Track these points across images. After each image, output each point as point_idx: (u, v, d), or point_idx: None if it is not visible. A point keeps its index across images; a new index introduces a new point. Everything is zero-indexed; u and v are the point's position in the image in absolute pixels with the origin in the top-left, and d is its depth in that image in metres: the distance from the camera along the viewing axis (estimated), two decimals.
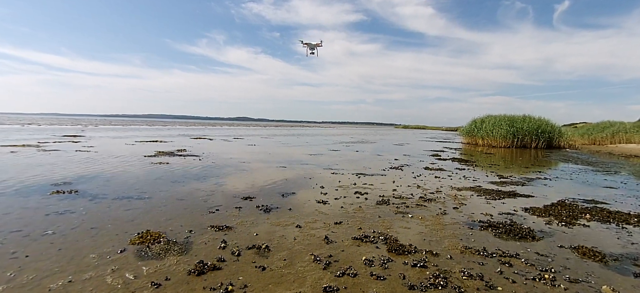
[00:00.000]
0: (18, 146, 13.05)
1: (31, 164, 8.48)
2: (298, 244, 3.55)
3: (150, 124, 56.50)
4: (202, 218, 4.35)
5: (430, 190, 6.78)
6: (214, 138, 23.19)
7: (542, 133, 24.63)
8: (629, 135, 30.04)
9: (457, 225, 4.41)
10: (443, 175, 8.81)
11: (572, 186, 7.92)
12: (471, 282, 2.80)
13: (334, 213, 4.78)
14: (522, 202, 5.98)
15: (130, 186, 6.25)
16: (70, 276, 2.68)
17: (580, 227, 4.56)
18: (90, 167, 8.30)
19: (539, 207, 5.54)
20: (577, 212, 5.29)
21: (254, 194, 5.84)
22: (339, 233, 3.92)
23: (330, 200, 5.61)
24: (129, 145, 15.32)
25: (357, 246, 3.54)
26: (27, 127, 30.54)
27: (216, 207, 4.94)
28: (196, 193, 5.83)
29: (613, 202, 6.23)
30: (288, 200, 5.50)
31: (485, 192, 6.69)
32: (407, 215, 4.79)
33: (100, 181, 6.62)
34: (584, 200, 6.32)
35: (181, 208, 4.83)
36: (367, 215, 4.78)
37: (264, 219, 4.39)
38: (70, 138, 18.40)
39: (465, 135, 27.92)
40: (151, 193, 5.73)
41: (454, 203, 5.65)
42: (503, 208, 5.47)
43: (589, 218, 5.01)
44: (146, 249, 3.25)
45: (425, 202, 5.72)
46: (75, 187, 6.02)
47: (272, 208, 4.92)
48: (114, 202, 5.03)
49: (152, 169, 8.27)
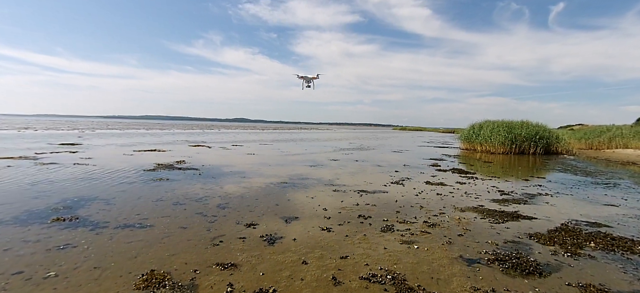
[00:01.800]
0: (15, 158, 12.91)
1: (29, 183, 8.38)
2: (305, 286, 3.51)
3: (147, 128, 56.24)
4: (207, 253, 4.30)
5: (433, 211, 6.76)
6: (213, 145, 23.09)
7: (540, 139, 24.72)
8: (625, 140, 30.25)
9: (464, 258, 4.38)
10: (445, 192, 8.80)
11: (573, 204, 7.92)
12: None
13: (340, 245, 4.74)
14: (526, 226, 5.97)
15: (132, 210, 6.18)
16: None
17: (586, 258, 4.55)
18: (90, 186, 8.22)
19: (543, 233, 5.53)
20: (582, 239, 5.28)
21: (257, 220, 5.79)
22: (346, 271, 3.88)
23: (335, 226, 5.57)
24: (128, 155, 15.21)
25: (365, 287, 3.51)
26: (23, 133, 30.28)
27: (219, 237, 4.89)
28: (198, 219, 5.77)
29: (616, 225, 6.24)
30: (291, 228, 5.45)
31: (488, 214, 6.68)
32: (412, 245, 4.76)
33: (101, 204, 6.54)
34: (587, 222, 6.32)
35: (185, 239, 4.77)
36: (372, 245, 4.75)
37: (269, 253, 4.35)
38: (67, 147, 18.24)
39: (464, 141, 28.00)
40: (153, 219, 5.66)
41: (459, 229, 5.63)
42: (508, 234, 5.45)
43: (593, 246, 5.01)
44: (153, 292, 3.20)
45: (430, 227, 5.70)
46: (75, 212, 5.95)
47: (276, 239, 4.87)
48: (115, 232, 4.97)
49: (152, 188, 8.19)
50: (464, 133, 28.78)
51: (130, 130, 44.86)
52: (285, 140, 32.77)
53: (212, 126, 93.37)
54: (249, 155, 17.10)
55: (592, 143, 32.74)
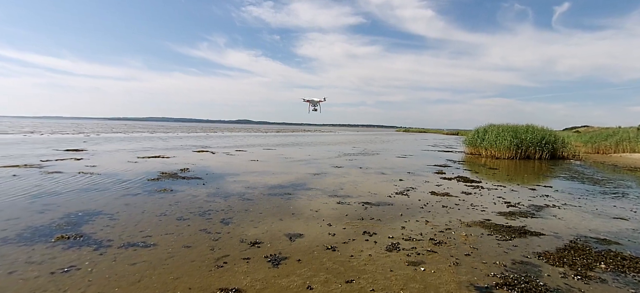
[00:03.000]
0: (20, 167, 12.99)
1: (34, 195, 8.41)
2: None
3: (151, 131, 56.52)
4: (211, 276, 4.26)
5: (439, 227, 6.68)
6: (216, 151, 23.13)
7: (546, 144, 24.48)
8: (632, 144, 29.89)
9: (472, 281, 4.30)
10: (450, 204, 8.71)
11: (582, 218, 7.80)
12: None
13: (345, 266, 4.69)
14: (535, 243, 5.88)
15: (135, 226, 6.16)
16: None
17: (596, 281, 4.46)
18: (94, 198, 8.23)
19: (552, 252, 5.43)
20: (592, 258, 5.18)
21: (261, 238, 5.75)
22: None
23: (340, 245, 5.51)
24: (132, 162, 15.25)
25: None
26: (29, 138, 30.52)
27: (224, 258, 4.85)
28: (202, 236, 5.74)
29: (626, 241, 6.12)
30: (296, 246, 5.41)
31: (495, 229, 6.59)
32: (419, 267, 4.69)
33: (105, 219, 6.54)
34: (596, 239, 6.21)
35: (188, 260, 4.74)
36: (378, 267, 4.68)
37: (273, 277, 4.30)
38: (72, 153, 18.34)
39: (468, 145, 27.81)
40: (157, 237, 5.64)
41: (466, 248, 5.55)
42: (516, 254, 5.36)
43: (604, 267, 4.91)
44: None
45: (436, 245, 5.62)
46: (79, 228, 5.94)
47: (281, 260, 4.82)
48: (119, 252, 4.94)
49: (156, 201, 8.18)
50: (468, 137, 28.61)
51: (134, 134, 45.11)
52: (288, 145, 32.76)
53: (215, 128, 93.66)
54: (253, 162, 17.08)
55: (598, 147, 32.41)
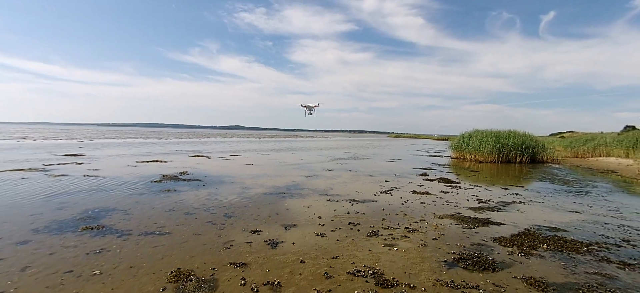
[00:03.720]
0: (25, 170, 13.62)
1: (48, 194, 9.15)
2: (303, 279, 4.38)
3: (144, 137, 56.72)
4: (221, 255, 5.15)
5: (415, 218, 7.67)
6: (212, 155, 23.89)
7: (526, 148, 25.85)
8: (608, 148, 31.44)
9: (434, 257, 5.28)
10: (428, 201, 9.73)
11: (541, 211, 8.89)
12: None
13: (331, 247, 5.63)
14: (494, 230, 6.91)
15: (149, 220, 7.01)
16: None
17: (536, 257, 5.48)
18: (105, 197, 9.02)
19: (506, 237, 6.46)
20: (538, 241, 6.22)
21: (260, 227, 6.66)
22: (336, 268, 4.76)
23: (328, 232, 6.45)
24: (132, 166, 15.97)
25: (351, 281, 4.39)
26: (23, 143, 30.79)
27: (230, 242, 5.74)
28: (209, 227, 6.62)
29: (572, 229, 7.19)
30: (291, 234, 6.33)
31: (463, 220, 7.61)
32: (392, 247, 5.66)
33: (120, 214, 7.36)
34: (548, 228, 7.27)
35: (200, 244, 5.62)
36: (359, 248, 5.63)
37: (272, 255, 5.22)
38: (72, 158, 18.94)
39: (454, 150, 29.08)
40: (169, 227, 6.50)
41: (435, 234, 6.54)
42: (476, 238, 6.37)
43: (545, 248, 5.94)
44: (182, 286, 4.05)
45: (410, 232, 6.60)
46: (99, 221, 6.76)
47: (278, 243, 5.74)
48: (140, 239, 5.80)
49: (163, 199, 9.01)
50: (454, 142, 29.90)
51: (127, 140, 45.41)
52: (282, 150, 33.62)
53: (208, 134, 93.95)
54: (248, 166, 17.93)
55: (577, 151, 34.09)
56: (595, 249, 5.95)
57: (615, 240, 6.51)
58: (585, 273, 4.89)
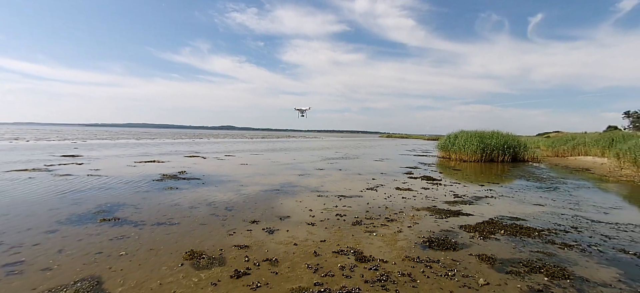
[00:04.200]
0: (29, 170, 14.25)
1: (60, 192, 9.90)
2: (296, 257, 5.30)
3: (137, 138, 56.88)
4: (226, 239, 6.05)
5: (395, 210, 8.66)
6: (207, 156, 24.62)
7: (508, 148, 27.19)
8: (586, 148, 33.01)
9: (406, 240, 6.27)
10: (409, 196, 10.74)
11: (509, 204, 9.97)
12: (403, 278, 4.63)
13: (320, 233, 6.56)
14: (462, 220, 7.93)
15: (158, 213, 7.85)
16: (159, 280, 4.36)
17: (493, 240, 6.50)
18: (113, 195, 9.80)
19: (471, 225, 7.48)
20: (497, 228, 7.25)
21: (258, 218, 7.56)
22: (323, 249, 5.70)
23: (317, 222, 7.39)
24: (131, 166, 16.67)
25: (335, 257, 5.33)
26: (17, 145, 31.01)
27: (232, 230, 6.64)
28: (213, 218, 7.50)
29: (531, 219, 8.26)
30: (285, 223, 7.25)
31: (437, 212, 8.62)
32: (372, 233, 6.63)
33: (131, 209, 8.19)
34: (510, 218, 8.33)
35: (207, 231, 6.51)
36: (344, 234, 6.58)
37: (270, 239, 6.13)
38: (71, 158, 19.51)
39: (441, 150, 30.32)
40: (177, 219, 7.36)
41: (410, 222, 7.53)
42: (445, 226, 7.38)
43: (503, 233, 6.98)
44: (197, 263, 4.94)
45: (389, 221, 7.58)
46: (114, 214, 7.59)
47: (274, 230, 6.66)
48: (153, 228, 6.66)
49: (167, 196, 9.84)
50: (440, 142, 31.16)
51: (120, 140, 45.66)
52: (275, 150, 34.45)
53: (200, 135, 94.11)
54: (243, 166, 18.77)
55: (558, 151, 35.69)
56: (544, 234, 7.01)
57: (565, 227, 7.59)
58: (530, 252, 5.92)
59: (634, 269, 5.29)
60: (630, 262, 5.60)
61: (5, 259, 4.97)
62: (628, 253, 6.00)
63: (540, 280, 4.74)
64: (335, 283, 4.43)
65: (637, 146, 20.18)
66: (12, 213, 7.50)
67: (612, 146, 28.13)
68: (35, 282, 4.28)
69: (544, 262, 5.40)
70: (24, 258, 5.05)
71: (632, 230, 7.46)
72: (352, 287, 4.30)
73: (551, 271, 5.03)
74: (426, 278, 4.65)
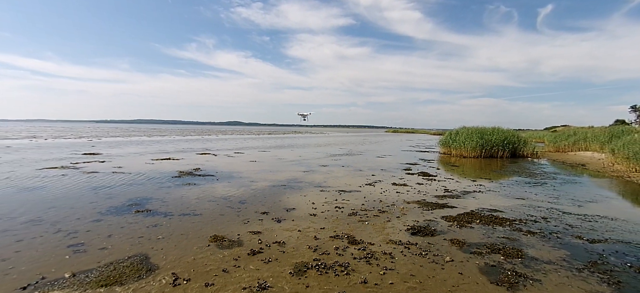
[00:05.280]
0: (58, 168, 15.69)
1: (93, 187, 11.25)
2: (300, 241, 6.51)
3: (148, 135, 58.72)
4: (241, 226, 7.29)
5: (387, 203, 9.81)
6: (217, 153, 25.99)
7: (507, 144, 28.02)
8: (587, 143, 33.59)
9: (392, 228, 7.43)
10: (403, 191, 11.87)
11: (493, 198, 11.04)
12: (384, 256, 5.80)
13: (320, 222, 7.76)
14: (446, 212, 9.05)
15: (182, 205, 9.12)
16: (193, 256, 5.60)
17: (468, 228, 7.62)
18: (140, 189, 11.12)
19: (453, 216, 8.60)
20: (474, 218, 8.36)
21: (267, 210, 8.78)
22: (322, 234, 6.89)
23: (318, 213, 8.58)
24: (149, 164, 18.06)
25: (332, 241, 6.52)
26: (36, 143, 32.77)
27: (246, 219, 7.88)
28: (229, 210, 8.75)
29: (508, 211, 9.33)
30: (291, 214, 8.46)
31: (425, 205, 9.75)
32: (365, 222, 7.80)
33: (158, 202, 9.48)
34: (489, 210, 9.41)
35: (225, 220, 7.75)
36: (340, 223, 7.77)
37: (278, 227, 7.35)
38: (92, 156, 21.00)
39: (442, 146, 31.26)
40: (199, 210, 8.62)
41: (399, 214, 8.68)
42: (430, 216, 8.51)
43: (478, 222, 8.08)
44: (220, 244, 6.18)
45: (381, 213, 8.74)
46: (144, 206, 8.87)
47: (282, 220, 7.88)
48: (180, 218, 7.92)
49: (187, 191, 11.13)
50: (442, 139, 32.09)
51: (132, 137, 47.43)
52: (281, 147, 35.74)
53: (208, 131, 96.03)
54: (252, 163, 20.04)
55: (559, 146, 36.29)
56: (515, 223, 8.09)
57: (536, 218, 8.66)
58: (497, 237, 7.03)
59: (580, 252, 6.37)
60: (580, 246, 6.68)
61: (69, 242, 6.27)
62: (582, 239, 7.06)
63: (496, 259, 5.87)
64: (330, 259, 5.63)
65: (629, 142, 20.95)
66: (58, 206, 8.84)
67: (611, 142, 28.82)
68: (99, 257, 5.55)
69: (505, 245, 6.51)
70: (82, 241, 6.34)
71: (596, 221, 8.50)
72: (342, 262, 5.49)
73: (508, 252, 6.15)
74: (403, 256, 5.82)
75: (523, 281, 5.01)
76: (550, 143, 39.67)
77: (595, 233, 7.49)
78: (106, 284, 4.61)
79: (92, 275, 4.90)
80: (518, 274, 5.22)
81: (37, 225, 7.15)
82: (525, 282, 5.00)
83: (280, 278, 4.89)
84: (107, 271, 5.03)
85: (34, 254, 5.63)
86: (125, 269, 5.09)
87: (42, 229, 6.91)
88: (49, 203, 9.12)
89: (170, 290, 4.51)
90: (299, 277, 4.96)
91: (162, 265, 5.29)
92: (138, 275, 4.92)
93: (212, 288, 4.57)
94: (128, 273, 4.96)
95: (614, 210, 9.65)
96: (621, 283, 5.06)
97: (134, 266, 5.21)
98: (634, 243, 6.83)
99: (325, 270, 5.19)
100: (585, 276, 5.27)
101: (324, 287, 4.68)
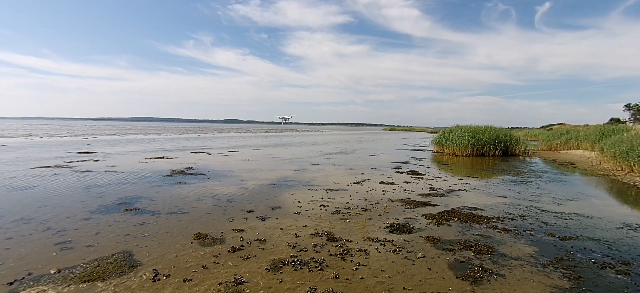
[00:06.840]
0: (52, 167, 15.87)
1: (84, 186, 11.46)
2: (280, 238, 6.76)
3: (145, 133, 58.78)
4: (226, 224, 7.53)
5: (372, 202, 10.07)
6: (212, 152, 26.18)
7: (499, 142, 28.36)
8: (578, 141, 33.98)
9: (372, 226, 7.69)
10: (389, 189, 12.14)
11: (475, 196, 11.32)
12: (359, 252, 6.06)
13: (303, 221, 8.01)
14: (427, 210, 9.32)
15: (170, 203, 9.35)
16: (175, 253, 5.84)
17: (445, 225, 7.89)
18: (131, 188, 11.34)
19: (433, 214, 8.86)
20: (453, 216, 8.63)
21: (254, 208, 9.03)
22: (303, 232, 7.14)
23: (303, 211, 8.83)
24: (143, 163, 18.25)
25: (311, 238, 6.77)
26: (32, 141, 32.85)
27: (231, 217, 8.12)
28: (216, 208, 8.98)
29: (487, 209, 9.61)
30: (276, 212, 8.71)
31: (409, 203, 10.01)
32: (346, 220, 8.06)
33: (147, 201, 9.70)
34: (470, 208, 9.68)
35: (211, 219, 7.99)
36: (323, 221, 8.02)
37: (262, 225, 7.60)
38: (86, 155, 21.16)
39: (435, 144, 31.58)
40: (187, 209, 8.85)
41: (381, 212, 8.94)
42: (411, 214, 8.78)
43: (456, 220, 8.36)
44: (203, 241, 6.42)
45: (364, 211, 9.00)
46: (134, 205, 9.10)
47: (266, 218, 8.12)
48: (167, 216, 8.15)
49: (177, 189, 11.36)
50: (435, 137, 32.42)
51: (129, 136, 47.51)
52: (277, 145, 35.96)
53: (205, 129, 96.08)
54: (245, 161, 20.27)
55: (551, 144, 36.69)
56: (492, 221, 8.37)
57: (514, 216, 8.94)
58: (472, 234, 7.30)
59: (549, 248, 6.65)
60: (550, 242, 6.96)
61: (56, 239, 6.49)
62: (554, 236, 7.35)
63: (467, 255, 6.14)
64: (306, 255, 5.88)
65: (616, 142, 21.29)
66: (49, 205, 9.05)
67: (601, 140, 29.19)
68: (84, 254, 5.78)
69: (477, 242, 6.78)
70: (70, 239, 6.56)
71: (571, 219, 8.79)
72: (318, 258, 5.74)
73: (479, 248, 6.42)
74: (377, 253, 6.08)
75: (487, 276, 5.27)
76: (543, 141, 40.12)
77: (567, 230, 7.77)
78: (89, 280, 4.84)
79: (77, 271, 5.13)
80: (484, 270, 5.49)
81: (26, 224, 7.37)
82: (489, 277, 5.26)
83: (256, 274, 5.14)
84: (91, 267, 5.26)
85: (22, 251, 5.86)
86: (109, 265, 5.32)
87: (32, 227, 7.13)
88: (40, 202, 9.32)
89: (150, 285, 4.75)
90: (274, 272, 5.21)
91: (145, 261, 5.53)
92: (120, 271, 5.16)
93: (190, 283, 4.81)
94: (111, 269, 5.19)
95: (590, 208, 9.96)
96: (581, 278, 5.33)
97: (118, 263, 5.44)
98: (602, 240, 7.11)
99: (300, 266, 5.45)
100: (548, 272, 5.54)
101: (297, 281, 4.93)
